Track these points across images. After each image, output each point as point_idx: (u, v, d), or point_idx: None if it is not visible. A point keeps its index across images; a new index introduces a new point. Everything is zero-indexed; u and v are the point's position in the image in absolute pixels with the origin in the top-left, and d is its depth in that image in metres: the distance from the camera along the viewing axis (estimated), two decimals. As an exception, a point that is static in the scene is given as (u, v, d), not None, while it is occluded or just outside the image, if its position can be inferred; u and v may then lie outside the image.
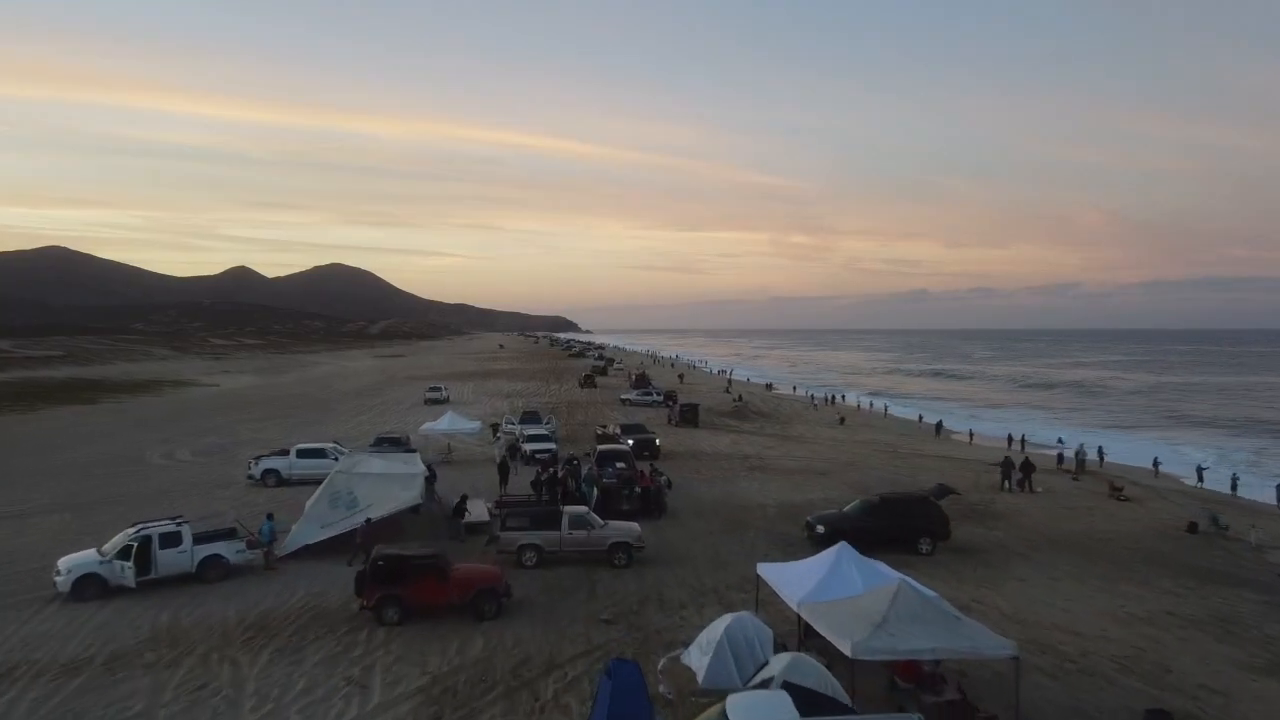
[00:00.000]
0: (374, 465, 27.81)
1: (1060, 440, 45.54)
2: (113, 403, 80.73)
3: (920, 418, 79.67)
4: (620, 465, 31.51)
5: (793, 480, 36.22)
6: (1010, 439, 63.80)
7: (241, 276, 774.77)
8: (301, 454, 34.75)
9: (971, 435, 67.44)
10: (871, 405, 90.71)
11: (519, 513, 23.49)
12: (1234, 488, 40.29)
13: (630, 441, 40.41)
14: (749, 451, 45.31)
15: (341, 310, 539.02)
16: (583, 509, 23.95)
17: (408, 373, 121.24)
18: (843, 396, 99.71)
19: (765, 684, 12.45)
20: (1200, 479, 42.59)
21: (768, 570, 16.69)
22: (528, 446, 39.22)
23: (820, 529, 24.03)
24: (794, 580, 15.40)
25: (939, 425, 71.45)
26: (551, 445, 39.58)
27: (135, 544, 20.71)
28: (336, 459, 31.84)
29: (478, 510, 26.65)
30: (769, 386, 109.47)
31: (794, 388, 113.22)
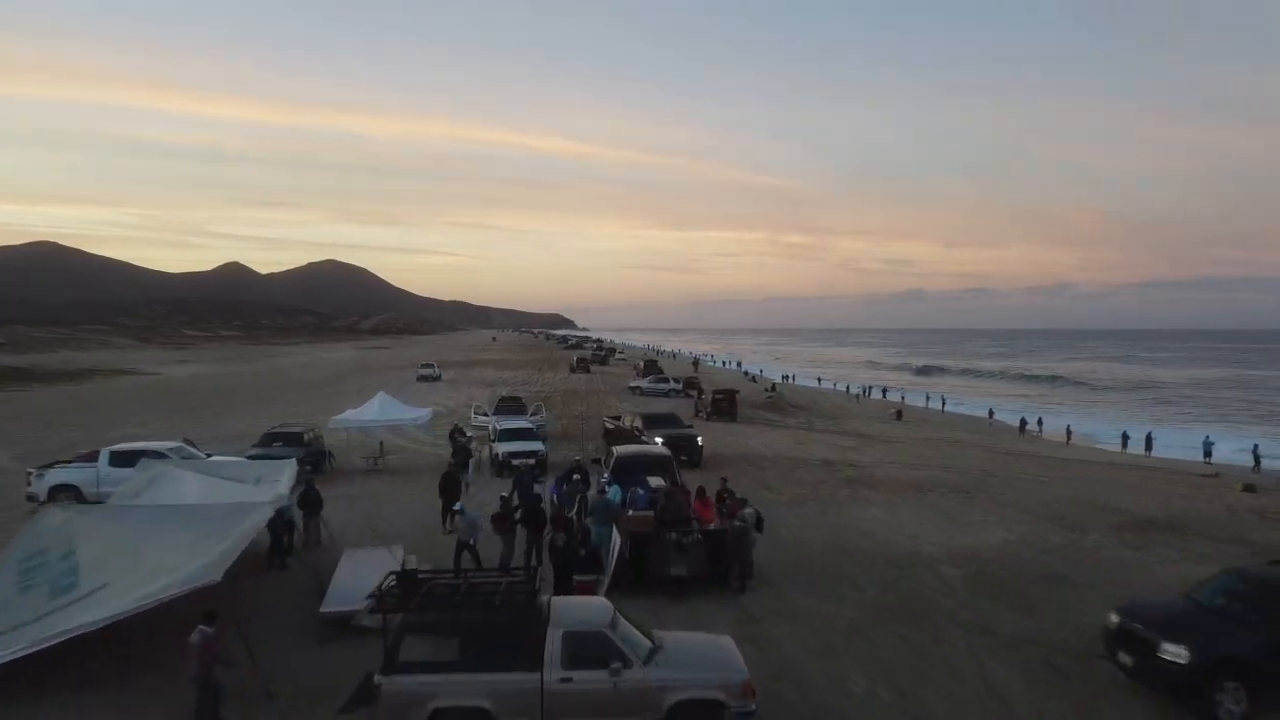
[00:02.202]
0: (182, 486, 14.02)
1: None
2: (16, 390, 67.04)
3: (991, 413, 65.97)
4: (658, 484, 17.47)
5: (930, 504, 22.23)
6: (1126, 437, 50.10)
7: (235, 273, 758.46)
8: (118, 460, 20.69)
9: (1069, 434, 53.59)
10: (928, 400, 77.01)
11: (438, 623, 9.28)
12: None
13: (659, 440, 26.53)
14: (827, 455, 31.41)
15: (336, 306, 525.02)
16: (599, 608, 9.84)
17: (385, 363, 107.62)
18: (886, 392, 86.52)
19: None
20: None
21: None
22: (501, 448, 25.19)
23: (1176, 654, 9.87)
24: None
25: (1023, 422, 57.90)
26: (538, 446, 25.53)
27: None
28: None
29: (347, 584, 12.68)
30: (787, 379, 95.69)
31: (818, 380, 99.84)
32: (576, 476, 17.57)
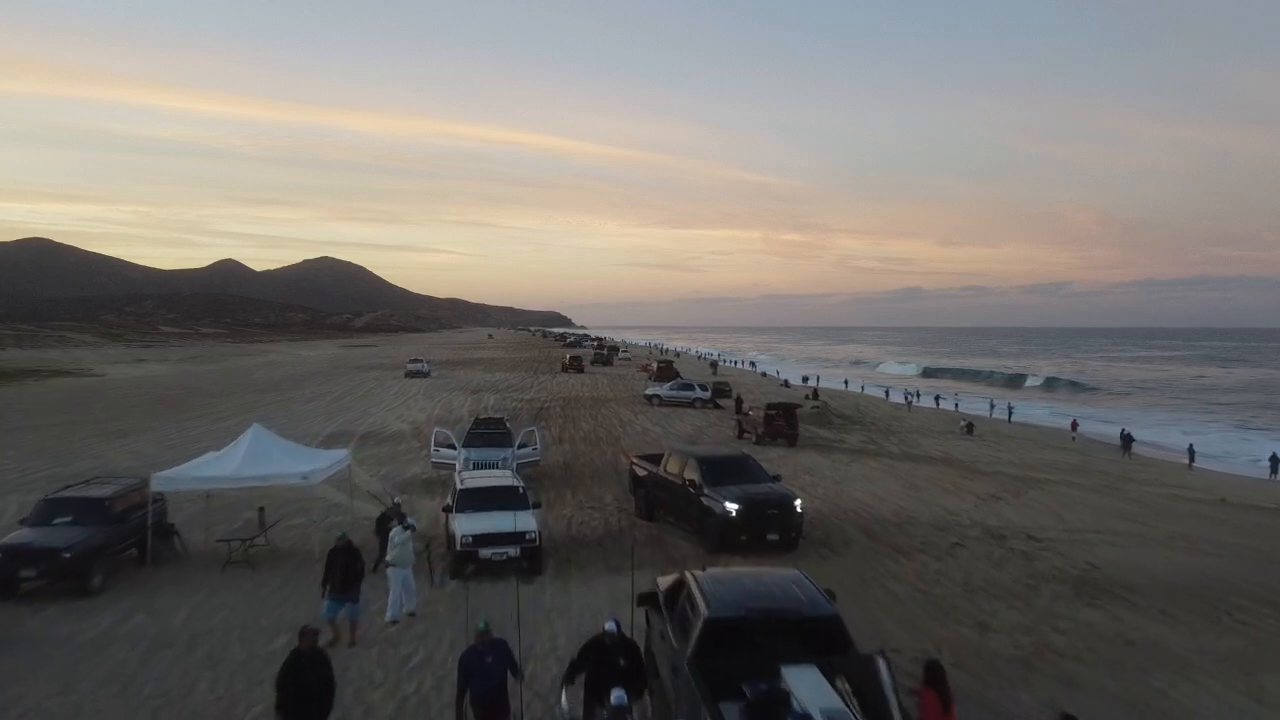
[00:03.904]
0: None
1: None
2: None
3: (1075, 424, 54.64)
4: (832, 712, 6.52)
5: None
6: (1277, 460, 39.33)
7: (229, 270, 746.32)
8: None
9: (1192, 455, 42.69)
10: (992, 409, 65.97)
11: None
12: None
13: (733, 508, 15.62)
14: (972, 512, 20.40)
15: (331, 304, 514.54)
16: None
17: (363, 362, 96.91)
18: (939, 399, 75.70)
19: None
20: None
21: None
22: (464, 527, 14.10)
23: None
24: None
25: (1127, 439, 45.98)
26: (528, 524, 14.32)
27: None
28: None
29: None
30: (806, 380, 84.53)
31: (845, 382, 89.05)
32: (617, 697, 6.49)
